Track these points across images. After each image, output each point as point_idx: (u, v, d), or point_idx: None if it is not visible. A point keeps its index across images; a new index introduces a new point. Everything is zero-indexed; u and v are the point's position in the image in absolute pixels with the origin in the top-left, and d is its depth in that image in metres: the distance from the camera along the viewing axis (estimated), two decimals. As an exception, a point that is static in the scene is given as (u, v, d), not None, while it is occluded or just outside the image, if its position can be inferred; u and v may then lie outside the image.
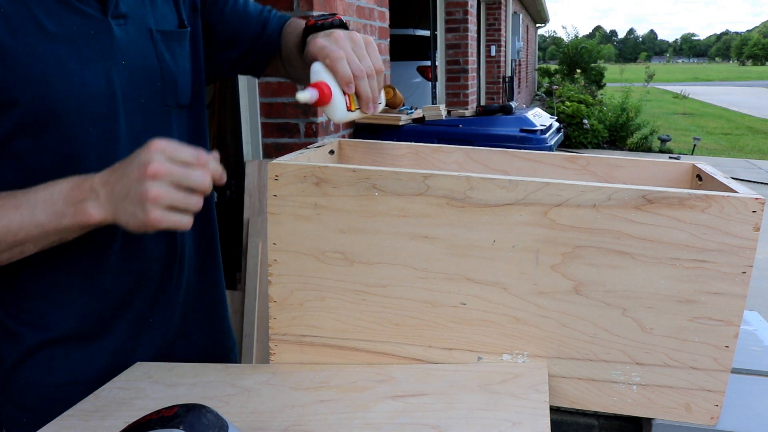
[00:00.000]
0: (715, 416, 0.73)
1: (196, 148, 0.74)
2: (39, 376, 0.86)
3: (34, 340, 0.85)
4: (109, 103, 0.83)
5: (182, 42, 0.93)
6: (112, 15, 0.83)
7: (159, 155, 0.71)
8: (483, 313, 0.75)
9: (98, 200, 0.73)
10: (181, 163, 0.72)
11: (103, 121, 0.82)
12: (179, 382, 0.79)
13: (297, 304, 0.79)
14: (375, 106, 0.86)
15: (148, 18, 0.88)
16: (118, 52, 0.84)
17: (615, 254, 0.70)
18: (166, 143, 0.73)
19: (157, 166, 0.70)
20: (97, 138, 0.82)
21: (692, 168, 0.91)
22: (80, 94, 0.79)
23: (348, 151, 1.00)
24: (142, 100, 0.87)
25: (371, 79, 0.84)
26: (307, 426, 0.67)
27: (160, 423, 0.54)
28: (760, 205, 0.67)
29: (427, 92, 6.04)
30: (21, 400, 0.87)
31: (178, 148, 0.73)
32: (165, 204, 0.70)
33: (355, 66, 0.83)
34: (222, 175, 0.75)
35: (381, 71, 0.87)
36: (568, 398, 0.76)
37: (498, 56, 9.37)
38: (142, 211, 0.71)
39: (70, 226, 0.75)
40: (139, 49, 0.86)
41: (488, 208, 0.72)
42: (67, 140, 0.80)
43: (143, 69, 0.87)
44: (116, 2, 0.83)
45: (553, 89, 12.97)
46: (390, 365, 0.79)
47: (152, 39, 0.88)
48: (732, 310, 0.69)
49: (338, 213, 0.75)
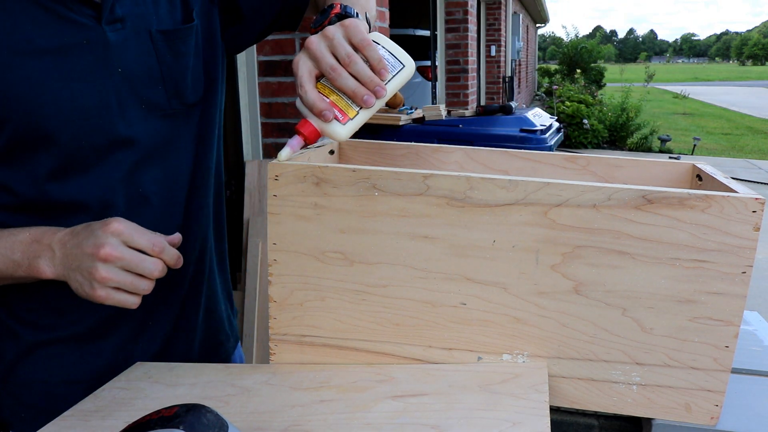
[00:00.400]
0: (715, 416, 0.73)
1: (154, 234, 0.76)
2: (37, 374, 0.87)
3: (34, 339, 0.86)
4: (103, 115, 0.81)
5: (188, 39, 0.88)
6: (107, 21, 0.80)
7: (113, 239, 0.73)
8: (483, 313, 0.75)
9: (53, 260, 0.76)
10: (136, 248, 0.74)
11: (98, 134, 0.81)
12: (179, 382, 0.79)
13: (297, 304, 0.79)
14: (375, 93, 0.75)
15: (149, 18, 0.85)
16: (114, 59, 0.81)
17: (615, 254, 0.70)
18: (124, 226, 0.74)
19: (110, 250, 0.72)
20: (94, 153, 0.81)
21: (692, 168, 0.91)
22: (71, 111, 0.78)
23: (348, 151, 1.00)
24: (143, 106, 0.84)
25: (351, 65, 0.74)
26: (307, 426, 0.67)
27: (160, 423, 0.54)
28: (760, 205, 0.67)
29: (427, 92, 6.04)
30: (21, 396, 0.88)
31: (136, 232, 0.74)
32: (112, 286, 0.73)
33: (324, 65, 0.74)
34: (178, 259, 0.78)
35: (364, 47, 0.75)
36: (568, 398, 0.76)
37: (498, 56, 9.37)
38: (90, 286, 0.73)
39: (24, 276, 0.77)
40: (137, 53, 0.83)
41: (488, 208, 0.72)
42: (61, 158, 0.79)
43: (142, 74, 0.84)
44: (111, 6, 0.80)
45: (553, 89, 12.97)
46: (390, 365, 0.79)
47: (152, 40, 0.84)
48: (732, 310, 0.69)
49: (338, 213, 0.75)
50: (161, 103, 0.86)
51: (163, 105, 0.86)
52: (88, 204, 0.82)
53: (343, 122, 0.76)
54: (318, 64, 0.75)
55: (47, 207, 0.81)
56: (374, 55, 0.75)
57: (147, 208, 0.87)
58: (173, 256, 0.77)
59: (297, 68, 0.76)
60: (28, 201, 0.80)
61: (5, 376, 0.88)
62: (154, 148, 0.86)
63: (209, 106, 0.94)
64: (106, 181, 0.83)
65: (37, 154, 0.78)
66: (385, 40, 0.80)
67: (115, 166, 0.83)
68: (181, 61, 0.87)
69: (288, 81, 2.84)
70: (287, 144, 0.76)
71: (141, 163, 0.85)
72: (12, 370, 0.87)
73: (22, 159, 0.78)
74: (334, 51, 0.75)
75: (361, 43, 0.75)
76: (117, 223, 0.74)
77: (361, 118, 0.78)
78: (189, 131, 0.91)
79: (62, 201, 0.81)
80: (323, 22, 0.79)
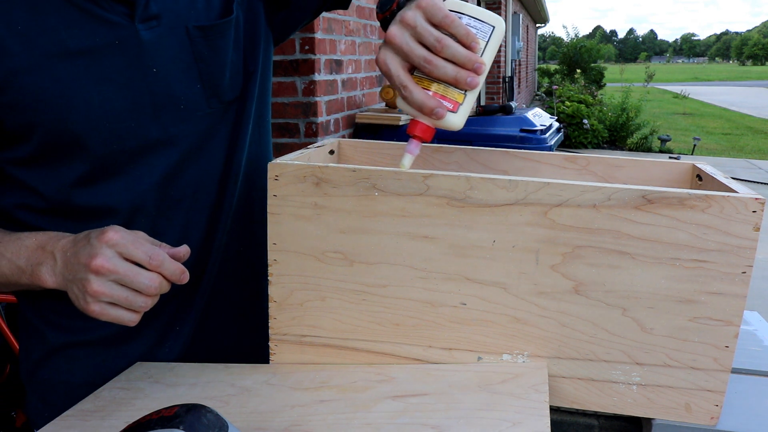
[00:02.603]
0: (715, 416, 0.73)
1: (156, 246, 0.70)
2: (61, 375, 0.86)
3: (58, 340, 0.85)
4: (136, 118, 0.78)
5: (226, 33, 0.83)
6: (141, 18, 0.77)
7: (108, 250, 0.67)
8: (483, 313, 0.75)
9: (54, 269, 0.71)
10: (132, 261, 0.68)
11: (130, 138, 0.78)
12: (179, 382, 0.79)
13: (297, 304, 0.79)
14: (475, 71, 0.69)
15: (186, 13, 0.80)
16: (148, 59, 0.77)
17: (615, 254, 0.70)
18: (121, 236, 0.68)
19: (102, 262, 0.66)
20: (125, 157, 0.79)
21: (692, 168, 0.91)
22: (101, 114, 0.76)
23: (348, 151, 1.00)
24: (181, 106, 0.81)
25: (443, 50, 0.68)
26: (307, 426, 0.67)
27: (160, 423, 0.53)
28: (760, 205, 0.67)
29: (427, 92, 6.03)
30: (44, 395, 0.88)
31: (133, 243, 0.68)
32: (104, 300, 0.67)
33: (416, 59, 0.69)
34: (183, 274, 0.70)
35: (449, 24, 0.68)
36: (568, 398, 0.76)
37: (498, 56, 9.37)
38: (83, 299, 0.68)
39: (29, 284, 0.74)
40: (173, 51, 0.79)
41: (488, 208, 0.72)
42: (91, 163, 0.77)
43: (179, 74, 0.80)
44: (146, 4, 0.77)
45: (553, 89, 12.97)
46: (390, 365, 0.79)
47: (189, 37, 0.80)
48: (732, 310, 0.69)
49: (338, 213, 0.75)
50: (199, 103, 0.83)
51: (201, 105, 0.83)
52: (117, 208, 0.80)
53: (455, 111, 0.71)
54: (408, 57, 0.69)
55: (74, 211, 0.79)
56: (461, 30, 0.69)
57: (177, 210, 0.85)
58: (175, 270, 0.70)
59: (386, 67, 0.70)
60: (56, 204, 0.79)
61: (30, 375, 0.88)
62: (189, 150, 0.83)
63: (245, 100, 0.89)
64: (137, 186, 0.80)
65: (67, 159, 0.77)
66: (464, 5, 0.73)
67: (148, 170, 0.81)
68: (220, 57, 0.83)
69: (288, 81, 2.84)
70: (406, 151, 0.73)
71: (175, 166, 0.82)
72: (36, 370, 0.87)
73: (52, 164, 0.77)
74: (421, 39, 0.68)
75: (444, 21, 0.68)
76: (113, 233, 0.68)
77: (470, 100, 0.72)
78: (224, 129, 0.87)
79: (89, 206, 0.79)
80: (390, 6, 0.73)
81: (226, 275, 0.93)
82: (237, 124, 0.88)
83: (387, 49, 0.70)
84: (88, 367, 0.86)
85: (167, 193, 0.83)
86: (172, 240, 0.84)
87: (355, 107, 3.37)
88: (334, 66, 3.06)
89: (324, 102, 2.95)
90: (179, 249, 0.73)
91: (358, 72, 3.47)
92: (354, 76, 3.40)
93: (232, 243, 0.92)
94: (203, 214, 0.87)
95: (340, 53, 3.15)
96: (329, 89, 3.03)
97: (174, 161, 0.82)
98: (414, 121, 0.72)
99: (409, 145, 0.73)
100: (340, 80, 3.18)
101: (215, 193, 0.88)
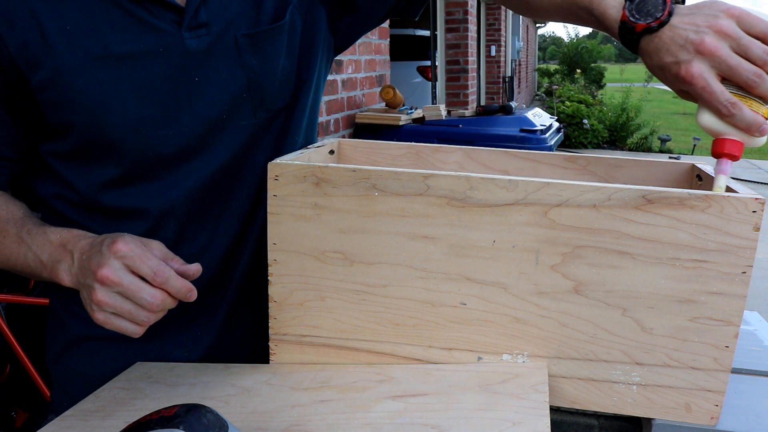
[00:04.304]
0: (715, 416, 0.73)
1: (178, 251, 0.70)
2: (81, 366, 0.87)
3: (79, 331, 0.86)
4: (173, 126, 0.77)
5: (277, 39, 0.81)
6: (189, 26, 0.75)
7: (115, 262, 0.67)
8: (483, 313, 0.75)
9: (71, 269, 0.72)
10: (138, 275, 0.67)
11: (166, 145, 0.77)
12: (179, 382, 0.79)
13: (297, 304, 0.79)
14: None
15: (237, 20, 0.78)
16: (191, 68, 0.76)
17: (615, 254, 0.71)
18: (130, 248, 0.67)
19: (107, 273, 0.66)
20: (160, 163, 0.78)
21: (692, 168, 0.91)
22: (137, 121, 0.75)
23: (348, 151, 1.00)
24: (224, 116, 0.79)
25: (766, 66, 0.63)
26: (307, 426, 0.67)
27: (160, 423, 0.54)
28: (760, 205, 0.67)
29: (427, 92, 6.04)
30: (65, 386, 0.89)
31: (140, 257, 0.67)
32: (108, 311, 0.67)
33: (744, 75, 0.64)
34: (189, 292, 0.69)
35: None
36: (568, 398, 0.76)
37: (498, 56, 9.38)
38: (90, 305, 0.69)
39: (49, 278, 0.75)
40: (219, 61, 0.78)
41: (488, 208, 0.72)
42: (126, 167, 0.78)
43: (223, 83, 0.78)
44: (195, 12, 0.75)
45: (553, 89, 12.98)
46: (390, 365, 0.79)
47: (237, 46, 0.78)
48: (732, 310, 0.69)
49: (338, 213, 0.75)
50: (244, 113, 0.81)
51: (246, 116, 0.81)
52: (147, 211, 0.80)
53: None
54: (734, 72, 0.65)
55: (103, 210, 0.80)
56: None
57: (208, 217, 0.84)
58: (180, 288, 0.68)
59: (704, 82, 0.66)
60: (87, 201, 0.80)
61: (54, 364, 0.89)
62: (228, 160, 0.82)
63: (294, 109, 0.86)
64: (170, 191, 0.80)
65: (101, 160, 0.77)
66: None
67: (183, 177, 0.80)
68: (270, 64, 0.81)
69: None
70: (719, 172, 0.71)
71: (211, 176, 0.81)
72: (59, 359, 0.88)
73: (87, 163, 0.77)
74: (746, 54, 0.64)
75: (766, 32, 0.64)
76: (122, 244, 0.67)
77: None
78: (269, 138, 0.85)
79: (118, 206, 0.80)
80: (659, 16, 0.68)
81: (253, 283, 0.91)
82: (283, 133, 0.86)
83: (701, 61, 0.65)
84: (106, 361, 0.86)
85: (201, 200, 0.82)
86: (200, 245, 0.84)
87: (355, 107, 3.37)
88: (334, 66, 3.06)
89: (324, 102, 2.95)
90: (189, 267, 0.71)
91: (358, 72, 3.47)
92: (354, 76, 3.40)
93: (261, 251, 0.90)
94: (235, 222, 0.86)
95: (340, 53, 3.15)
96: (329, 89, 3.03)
97: (211, 171, 0.81)
98: (722, 140, 0.70)
99: (722, 165, 0.71)
100: (340, 80, 3.19)
101: (250, 202, 0.86)
